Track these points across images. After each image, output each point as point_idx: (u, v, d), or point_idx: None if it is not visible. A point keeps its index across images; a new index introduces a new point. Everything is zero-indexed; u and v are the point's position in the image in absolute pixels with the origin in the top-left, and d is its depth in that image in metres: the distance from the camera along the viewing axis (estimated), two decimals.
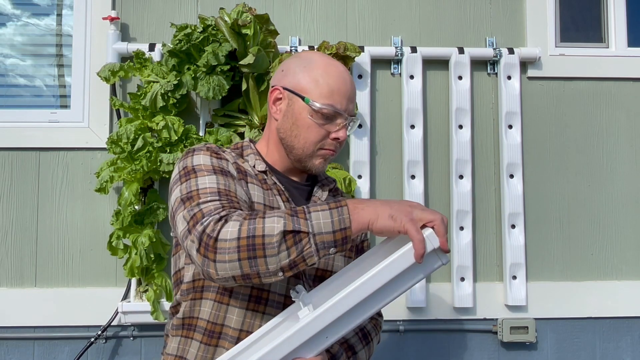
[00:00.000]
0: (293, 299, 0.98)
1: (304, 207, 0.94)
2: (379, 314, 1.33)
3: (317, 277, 1.14)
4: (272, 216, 0.91)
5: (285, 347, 0.92)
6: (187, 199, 0.99)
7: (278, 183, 1.16)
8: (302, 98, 1.11)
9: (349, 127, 1.16)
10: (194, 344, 1.07)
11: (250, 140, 1.23)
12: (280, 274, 0.91)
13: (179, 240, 0.99)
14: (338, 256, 1.18)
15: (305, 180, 1.23)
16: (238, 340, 1.03)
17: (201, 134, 1.95)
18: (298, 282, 1.09)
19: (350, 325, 0.95)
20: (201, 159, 1.07)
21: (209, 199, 0.97)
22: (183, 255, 1.11)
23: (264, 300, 1.07)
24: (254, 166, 1.16)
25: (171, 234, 1.20)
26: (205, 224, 0.92)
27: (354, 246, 1.26)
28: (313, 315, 0.93)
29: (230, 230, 0.90)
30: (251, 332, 1.02)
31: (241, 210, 0.98)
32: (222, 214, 0.93)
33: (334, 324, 0.93)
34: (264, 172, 1.16)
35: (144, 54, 1.92)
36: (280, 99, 1.15)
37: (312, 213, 0.91)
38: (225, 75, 1.85)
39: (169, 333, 1.14)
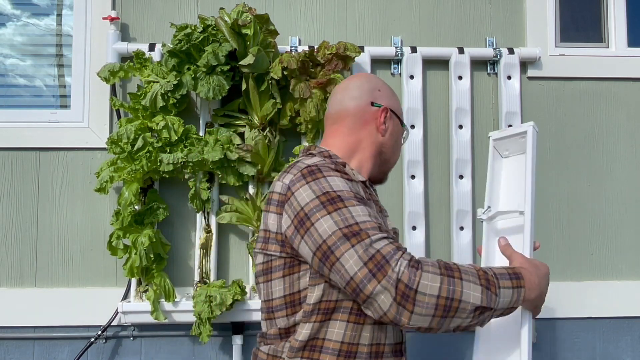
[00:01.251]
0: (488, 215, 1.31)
1: (496, 276, 1.01)
2: None
3: None
4: (469, 280, 0.97)
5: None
6: (353, 235, 0.99)
7: (374, 193, 1.24)
8: (401, 122, 1.31)
9: None
10: None
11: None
12: (450, 332, 1.00)
13: (343, 279, 0.99)
14: None
15: None
16: (370, 354, 1.07)
17: (201, 134, 1.95)
18: None
19: None
20: (338, 183, 1.07)
21: (378, 236, 0.99)
22: (307, 276, 1.08)
23: None
24: None
25: (279, 253, 1.11)
26: (398, 271, 0.94)
27: None
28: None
29: (430, 285, 0.94)
30: (379, 344, 1.09)
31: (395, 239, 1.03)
32: (406, 257, 0.97)
33: None
34: (364, 182, 1.20)
35: (144, 54, 1.92)
36: (386, 117, 1.26)
37: (502, 289, 1.00)
38: (225, 75, 1.85)
39: (285, 356, 1.10)
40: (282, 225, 1.08)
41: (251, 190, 1.94)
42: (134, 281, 1.89)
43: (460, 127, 2.04)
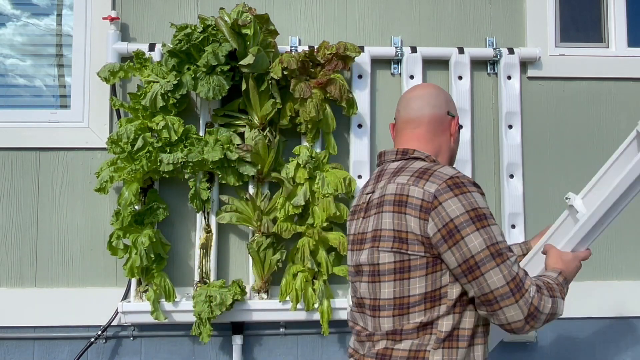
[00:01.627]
0: (568, 202, 1.50)
1: (561, 284, 1.27)
2: None
3: None
4: (558, 296, 1.23)
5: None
6: (497, 255, 1.14)
7: None
8: (459, 129, 1.43)
9: None
10: (460, 352, 1.19)
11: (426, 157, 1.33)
12: None
13: (481, 290, 1.15)
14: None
15: None
16: (483, 333, 1.23)
17: (201, 134, 1.95)
18: None
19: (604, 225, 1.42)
20: (481, 199, 1.20)
21: (513, 257, 1.17)
22: (447, 274, 1.19)
23: None
24: None
25: (423, 253, 1.18)
26: (532, 296, 1.15)
27: None
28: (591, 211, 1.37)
29: (545, 306, 1.17)
30: (485, 325, 1.24)
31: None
32: (532, 282, 1.18)
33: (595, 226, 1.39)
34: None
35: (144, 54, 1.92)
36: (458, 126, 1.40)
37: (565, 293, 1.28)
38: (225, 75, 1.85)
39: (429, 348, 1.19)
40: (428, 231, 1.17)
41: (251, 190, 1.94)
42: (134, 281, 1.89)
43: (461, 127, 2.04)
